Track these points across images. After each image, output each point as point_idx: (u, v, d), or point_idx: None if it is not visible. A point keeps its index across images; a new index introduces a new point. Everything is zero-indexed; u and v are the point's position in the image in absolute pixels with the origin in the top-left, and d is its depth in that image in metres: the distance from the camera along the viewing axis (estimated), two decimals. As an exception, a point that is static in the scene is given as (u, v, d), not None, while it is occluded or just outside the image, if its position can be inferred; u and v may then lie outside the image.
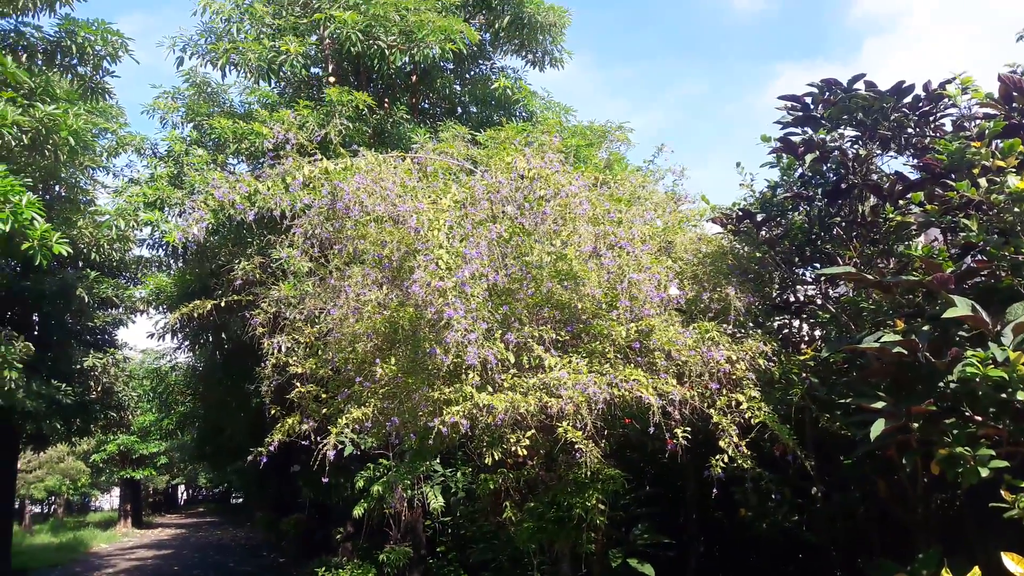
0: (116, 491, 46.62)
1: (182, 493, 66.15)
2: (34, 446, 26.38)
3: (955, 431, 4.60)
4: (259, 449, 7.40)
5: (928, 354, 4.74)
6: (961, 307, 4.48)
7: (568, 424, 5.66)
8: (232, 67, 15.27)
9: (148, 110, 16.77)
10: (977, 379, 4.30)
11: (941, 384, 4.80)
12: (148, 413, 33.79)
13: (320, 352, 7.36)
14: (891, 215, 5.77)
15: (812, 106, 6.53)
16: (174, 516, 52.77)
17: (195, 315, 7.98)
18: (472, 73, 18.30)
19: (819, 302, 7.71)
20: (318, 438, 6.55)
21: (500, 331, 6.08)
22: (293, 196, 6.68)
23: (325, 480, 6.79)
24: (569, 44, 18.16)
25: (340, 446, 6.49)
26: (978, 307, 4.50)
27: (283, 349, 7.10)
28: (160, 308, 20.32)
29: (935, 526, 6.36)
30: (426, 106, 18.14)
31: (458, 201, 6.06)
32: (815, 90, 6.45)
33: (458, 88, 18.16)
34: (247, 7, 15.66)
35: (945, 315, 4.50)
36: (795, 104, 6.60)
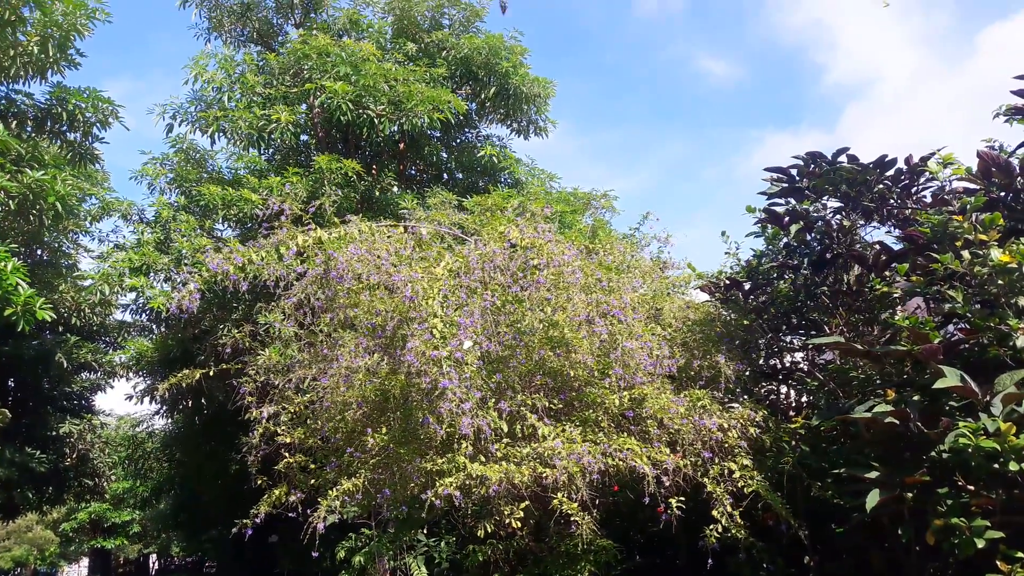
0: (85, 561, 45.08)
1: (153, 563, 63.93)
2: (3, 515, 25.59)
3: (949, 501, 4.63)
4: (244, 521, 7.25)
5: (919, 424, 4.80)
6: (951, 378, 4.57)
7: (562, 495, 5.62)
8: (221, 134, 15.48)
9: (136, 176, 16.85)
10: (970, 449, 4.35)
11: (933, 454, 4.85)
12: (122, 480, 32.94)
13: (308, 421, 7.30)
14: (877, 285, 5.90)
15: (797, 178, 6.73)
16: (144, 588, 50.92)
17: (183, 384, 7.87)
18: (458, 141, 18.66)
19: (806, 369, 7.80)
20: (306, 510, 6.44)
21: (493, 400, 6.08)
22: (287, 266, 6.72)
23: (315, 555, 6.65)
24: (552, 112, 18.67)
25: (333, 512, 6.38)
26: (967, 378, 4.58)
27: (271, 418, 7.03)
28: (140, 373, 20.09)
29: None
30: (413, 173, 18.42)
31: (452, 270, 6.13)
32: (800, 162, 6.66)
33: (445, 156, 18.48)
34: (238, 76, 15.97)
35: (936, 386, 4.58)
36: (781, 176, 6.80)
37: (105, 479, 25.08)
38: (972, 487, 4.68)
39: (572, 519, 5.64)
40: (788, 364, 8.10)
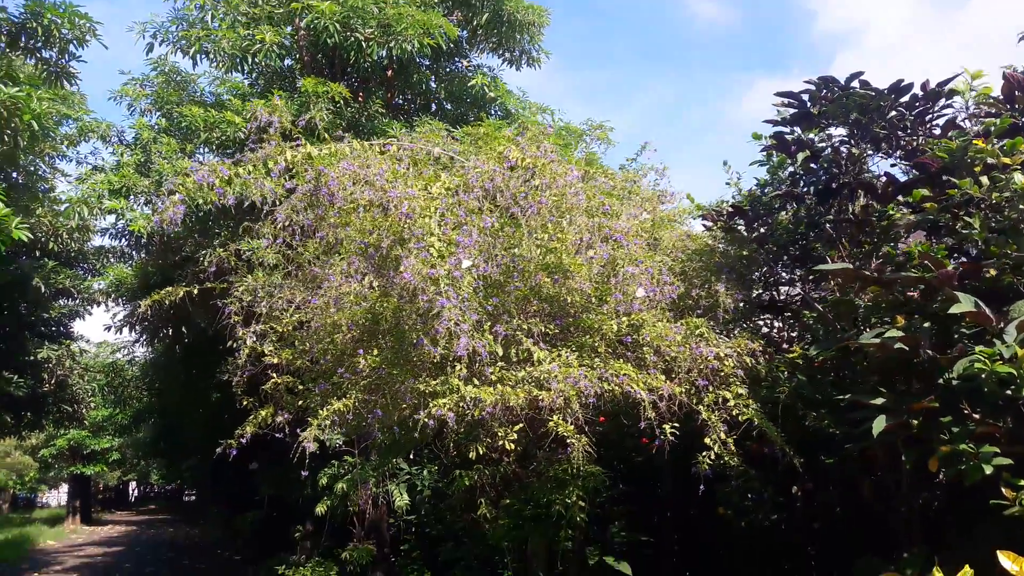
0: (65, 487, 45.30)
1: (133, 490, 64.68)
2: (-19, 440, 25.52)
3: (955, 428, 4.58)
4: (229, 441, 7.13)
5: (928, 351, 4.72)
6: (965, 303, 4.47)
7: (558, 417, 5.54)
8: (204, 56, 14.88)
9: (115, 96, 16.22)
10: (983, 375, 4.28)
11: (940, 381, 4.79)
12: (102, 408, 32.90)
13: (297, 343, 7.12)
14: (890, 212, 5.75)
15: (809, 103, 6.51)
16: (125, 513, 51.55)
17: (166, 302, 7.65)
18: (448, 70, 18.08)
19: (803, 302, 7.72)
20: (293, 431, 6.33)
21: (489, 323, 5.94)
22: (275, 181, 6.45)
23: (305, 474, 6.56)
24: (545, 43, 18.15)
25: (317, 440, 6.27)
26: (981, 304, 4.49)
27: (258, 338, 6.85)
28: (119, 300, 19.77)
29: (917, 525, 6.38)
30: (401, 101, 17.90)
31: (450, 188, 5.90)
32: (812, 87, 6.44)
33: (434, 85, 17.94)
34: (222, -7, 15.29)
35: (951, 310, 4.49)
36: (792, 101, 6.58)
37: (84, 405, 24.96)
38: (978, 415, 4.63)
39: (568, 441, 5.56)
40: (784, 297, 8.02)
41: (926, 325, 4.87)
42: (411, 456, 12.56)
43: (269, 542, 18.58)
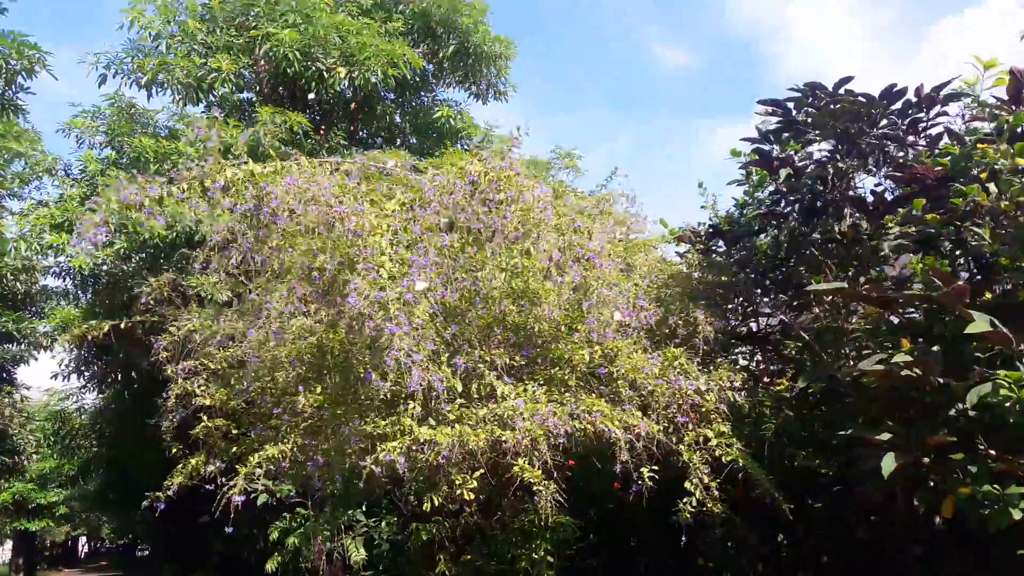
0: (8, 544, 42.95)
1: (83, 546, 61.82)
2: (-86, 493, 24.00)
3: (972, 467, 4.04)
4: (156, 494, 6.41)
5: (939, 378, 4.20)
6: (980, 323, 3.97)
7: (524, 461, 4.90)
8: (159, 88, 14.31)
9: (64, 129, 15.53)
10: (1007, 404, 3.76)
11: (952, 413, 4.26)
12: (48, 459, 31.31)
13: (233, 381, 6.42)
14: (888, 224, 5.25)
15: (794, 111, 6.08)
16: (73, 571, 49.04)
17: (89, 337, 6.93)
18: (414, 104, 17.70)
19: (783, 332, 7.21)
20: (226, 481, 5.61)
21: (447, 355, 5.32)
22: (213, 202, 5.82)
23: (229, 530, 5.84)
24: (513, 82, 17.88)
25: (251, 492, 5.56)
26: (997, 323, 3.99)
27: (188, 376, 6.15)
28: (65, 344, 18.78)
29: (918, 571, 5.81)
30: (364, 135, 17.40)
31: (405, 204, 5.32)
32: (798, 94, 5.99)
33: (399, 119, 17.52)
34: (179, 23, 14.75)
35: (968, 331, 3.98)
36: (776, 109, 6.12)
37: (27, 457, 23.64)
38: (994, 451, 4.10)
39: (535, 488, 4.91)
40: (765, 327, 7.51)
41: (935, 349, 4.35)
42: (369, 508, 11.79)
43: (220, 602, 17.46)
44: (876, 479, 4.14)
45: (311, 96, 15.14)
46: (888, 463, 4.02)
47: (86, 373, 19.71)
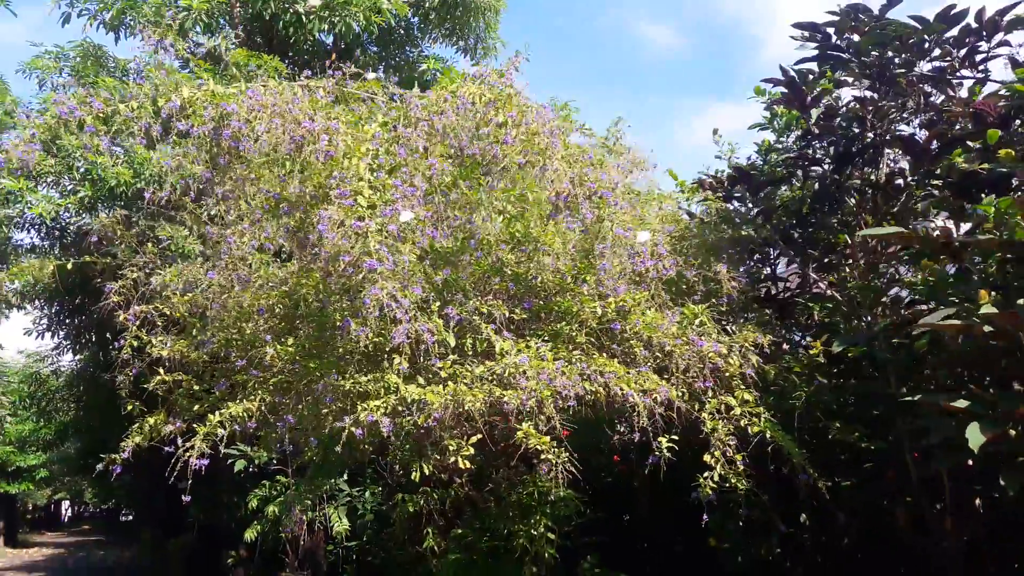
0: (-11, 508, 42.33)
1: (66, 510, 61.30)
2: None
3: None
4: (113, 456, 5.70)
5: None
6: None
7: (528, 425, 4.18)
8: (126, 29, 13.36)
9: (25, 70, 14.53)
10: None
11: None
12: (27, 421, 30.58)
13: (196, 332, 5.65)
14: (957, 160, 4.50)
15: (834, 36, 5.29)
16: (56, 535, 48.56)
17: (32, 278, 6.15)
18: (398, 58, 16.79)
19: (807, 292, 6.50)
20: (183, 443, 4.88)
21: (437, 304, 4.58)
22: (164, 121, 5.02)
23: (187, 498, 5.15)
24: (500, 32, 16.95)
25: (223, 457, 4.83)
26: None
27: (142, 324, 5.39)
28: (37, 302, 17.94)
29: (959, 565, 5.15)
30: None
31: (386, 124, 4.54)
32: (836, 17, 5.20)
33: (382, 72, 16.59)
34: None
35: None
36: (812, 34, 5.33)
37: (2, 419, 22.89)
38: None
39: (543, 457, 4.19)
40: (784, 288, 6.79)
41: (1021, 301, 3.64)
42: (352, 477, 11.17)
43: (199, 569, 16.91)
44: (949, 454, 3.45)
45: (290, 43, 14.20)
46: (975, 434, 3.32)
47: (60, 332, 18.91)
